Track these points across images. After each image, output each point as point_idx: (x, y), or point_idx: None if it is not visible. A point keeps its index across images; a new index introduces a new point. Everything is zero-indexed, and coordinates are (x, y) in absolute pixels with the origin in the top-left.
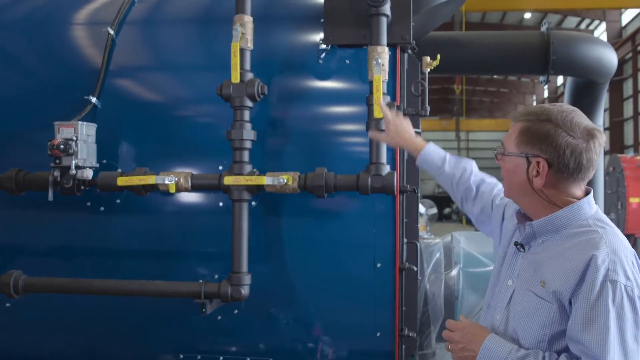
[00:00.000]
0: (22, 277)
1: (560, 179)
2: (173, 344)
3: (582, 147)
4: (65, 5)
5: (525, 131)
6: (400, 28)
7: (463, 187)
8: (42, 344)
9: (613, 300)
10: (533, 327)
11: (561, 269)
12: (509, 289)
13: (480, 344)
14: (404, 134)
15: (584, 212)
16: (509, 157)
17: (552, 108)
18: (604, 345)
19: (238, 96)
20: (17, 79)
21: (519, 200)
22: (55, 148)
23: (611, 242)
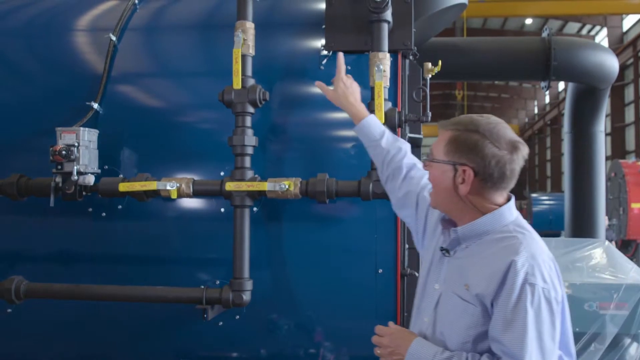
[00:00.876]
0: (24, 283)
1: (484, 187)
2: (174, 350)
3: (507, 158)
4: (67, 11)
5: (453, 140)
6: (401, 34)
7: (394, 166)
8: (42, 350)
9: (531, 302)
10: (458, 329)
11: (484, 273)
12: (436, 293)
13: (407, 348)
14: (351, 97)
15: (505, 219)
16: (436, 164)
17: (480, 119)
18: (523, 344)
19: (240, 102)
20: (19, 85)
21: (444, 206)
22: (57, 154)
23: (530, 247)
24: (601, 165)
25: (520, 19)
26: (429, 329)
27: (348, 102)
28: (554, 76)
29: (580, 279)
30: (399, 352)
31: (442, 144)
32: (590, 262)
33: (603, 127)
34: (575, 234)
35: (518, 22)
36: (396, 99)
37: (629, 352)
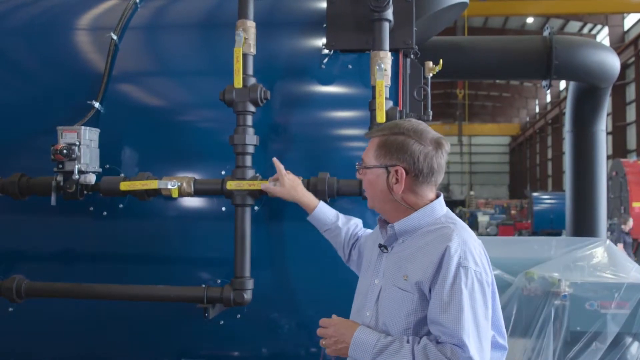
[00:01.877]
0: (25, 282)
1: (416, 184)
2: (175, 349)
3: (433, 153)
4: (68, 10)
5: (382, 145)
6: (402, 33)
7: (354, 240)
8: (44, 349)
9: (465, 283)
10: (399, 318)
11: (421, 261)
12: (377, 287)
13: (351, 336)
14: (298, 187)
15: (437, 212)
16: (370, 170)
17: (403, 122)
18: (460, 322)
19: (241, 101)
20: (21, 84)
21: (381, 207)
22: (58, 153)
23: (461, 234)
24: (602, 164)
25: (522, 18)
26: (371, 321)
27: (298, 193)
28: (555, 75)
29: (581, 278)
30: (344, 340)
31: (372, 151)
32: (592, 261)
33: (604, 126)
34: (576, 233)
35: (519, 21)
36: (397, 97)
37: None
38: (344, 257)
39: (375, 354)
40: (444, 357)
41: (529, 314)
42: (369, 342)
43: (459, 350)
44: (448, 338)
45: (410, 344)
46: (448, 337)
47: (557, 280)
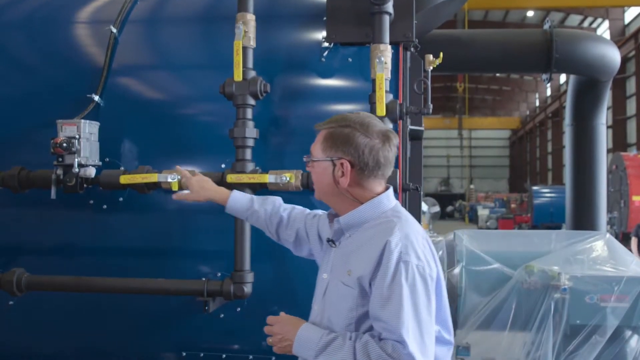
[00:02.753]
0: (25, 275)
1: (362, 177)
2: (176, 342)
3: (379, 146)
4: (68, 4)
5: (328, 137)
6: (402, 26)
7: (276, 220)
8: (44, 342)
9: (406, 278)
10: (342, 313)
11: (363, 257)
12: (324, 282)
13: (295, 333)
14: (206, 184)
15: (384, 206)
16: (317, 163)
17: (351, 115)
18: (399, 318)
19: (241, 94)
20: (20, 78)
21: (329, 200)
22: (58, 146)
23: (404, 228)
24: (602, 158)
25: (522, 11)
26: (318, 316)
27: (208, 191)
28: (555, 69)
29: (581, 271)
30: (288, 338)
31: (319, 143)
32: (591, 255)
33: (604, 120)
34: (576, 227)
35: (519, 15)
36: (397, 91)
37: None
38: (273, 236)
39: (318, 351)
40: (385, 354)
41: (529, 308)
42: (312, 339)
43: (399, 347)
44: (389, 334)
45: (353, 340)
46: (389, 333)
47: (557, 274)
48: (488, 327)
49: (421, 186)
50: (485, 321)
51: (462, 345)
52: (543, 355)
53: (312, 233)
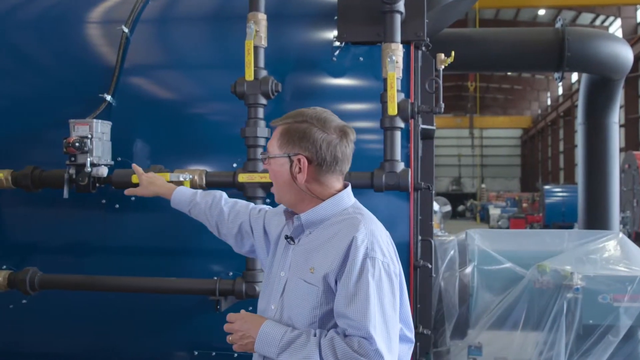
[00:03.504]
0: (38, 274)
1: (320, 173)
2: (187, 341)
3: (336, 142)
4: (80, 4)
5: (284, 133)
6: (414, 25)
7: (216, 212)
8: (56, 341)
9: (373, 274)
10: (304, 311)
11: (328, 253)
12: (282, 280)
13: (257, 330)
14: (156, 182)
15: (345, 203)
16: (273, 160)
17: (307, 110)
18: (366, 314)
19: (252, 94)
20: (33, 78)
21: (287, 198)
22: (70, 146)
23: (369, 225)
24: (615, 157)
25: (533, 9)
26: (276, 315)
27: (156, 186)
28: (567, 67)
29: (594, 271)
30: (250, 335)
31: (276, 139)
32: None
33: (617, 119)
34: (588, 226)
35: (531, 13)
36: (409, 90)
37: None
38: (214, 230)
39: (281, 348)
40: (351, 350)
41: (541, 307)
42: (275, 336)
43: (365, 343)
44: (355, 331)
45: (317, 337)
46: (355, 330)
47: (570, 273)
48: (500, 327)
49: (433, 185)
50: (498, 321)
51: (474, 345)
52: (556, 355)
53: (257, 228)
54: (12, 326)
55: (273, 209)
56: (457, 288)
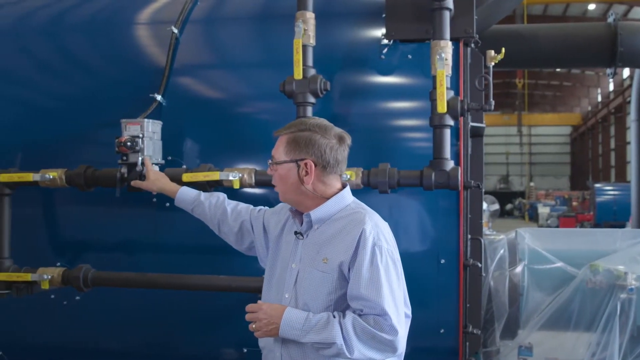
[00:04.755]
0: (91, 271)
1: (324, 174)
2: (237, 338)
3: (337, 146)
4: (129, 5)
5: (290, 141)
6: (463, 22)
7: (220, 211)
8: (109, 337)
9: (381, 260)
10: (320, 297)
11: (340, 245)
12: (294, 271)
13: (281, 317)
14: (162, 180)
15: (347, 200)
16: (280, 165)
17: (308, 119)
18: (380, 295)
19: (301, 92)
20: (84, 79)
21: (294, 198)
22: (122, 145)
23: (372, 218)
24: None
25: (583, 4)
26: (291, 302)
27: (162, 184)
28: (620, 63)
29: None
30: (274, 322)
31: (282, 147)
32: None
33: None
34: None
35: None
36: (458, 87)
37: None
38: (215, 228)
39: (305, 330)
40: (368, 326)
41: (594, 308)
42: (298, 319)
43: (380, 320)
44: (370, 310)
45: (337, 318)
46: (370, 309)
47: (623, 273)
48: (551, 327)
49: (482, 184)
50: (549, 321)
51: (524, 345)
52: (609, 356)
53: (257, 226)
54: (66, 322)
55: (271, 209)
56: (507, 287)
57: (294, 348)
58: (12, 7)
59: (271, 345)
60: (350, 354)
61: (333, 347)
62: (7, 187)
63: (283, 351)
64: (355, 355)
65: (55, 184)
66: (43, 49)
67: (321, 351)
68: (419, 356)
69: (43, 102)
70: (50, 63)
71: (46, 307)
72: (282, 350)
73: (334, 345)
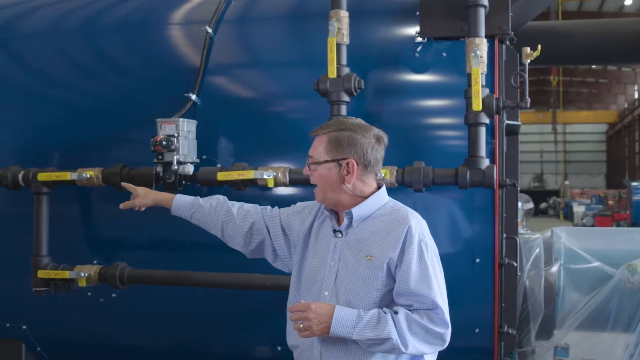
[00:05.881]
0: (127, 269)
1: (364, 173)
2: (271, 336)
3: (376, 146)
4: (162, 6)
5: (331, 141)
6: (498, 19)
7: (222, 212)
8: (144, 333)
9: (428, 256)
10: (365, 294)
11: (385, 241)
12: (332, 269)
13: (331, 315)
14: (153, 192)
15: (385, 198)
16: (321, 165)
17: (346, 120)
18: (431, 289)
19: (335, 91)
20: (119, 80)
21: (333, 197)
22: (158, 144)
23: (414, 215)
24: None
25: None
26: (332, 300)
27: (154, 196)
28: None
29: None
30: (324, 321)
31: (321, 147)
32: None
33: None
34: None
35: (617, 4)
36: (493, 85)
37: None
38: (217, 231)
39: (358, 327)
40: (421, 320)
41: (632, 308)
42: (349, 317)
43: (432, 313)
44: (421, 305)
45: (389, 313)
46: (421, 304)
47: None
48: (588, 328)
49: (518, 182)
50: (585, 321)
51: (560, 345)
52: None
53: (273, 226)
54: (103, 319)
55: (287, 208)
56: (542, 287)
57: (335, 345)
58: (49, 8)
59: (307, 344)
60: (405, 348)
61: (387, 342)
62: (46, 186)
63: (323, 349)
64: (410, 350)
65: (92, 183)
66: (79, 50)
67: (373, 347)
68: (454, 356)
69: (80, 102)
70: (85, 64)
71: (83, 304)
72: (321, 348)
73: (388, 340)
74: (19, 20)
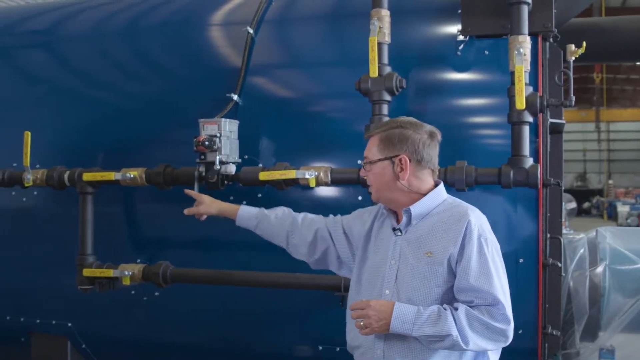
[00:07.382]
0: (170, 268)
1: (418, 169)
2: (312, 336)
3: (429, 142)
4: (203, 7)
5: (383, 139)
6: (541, 16)
7: (288, 222)
8: (186, 332)
9: (488, 251)
10: (426, 291)
11: (445, 237)
12: (393, 268)
13: (390, 312)
14: (217, 202)
15: (443, 195)
16: (375, 164)
17: (398, 118)
18: (492, 285)
19: (376, 90)
20: (162, 81)
21: (389, 196)
22: (200, 144)
23: (474, 211)
24: None
25: None
26: (393, 298)
27: (220, 204)
28: None
29: None
30: (384, 318)
31: (375, 147)
32: None
33: None
34: None
35: None
36: (536, 83)
37: None
38: (282, 241)
39: (417, 324)
40: (481, 316)
41: None
42: (409, 314)
43: (493, 309)
44: (481, 301)
45: (449, 310)
46: (481, 300)
47: None
48: (634, 330)
49: (562, 181)
50: (631, 323)
51: (606, 347)
52: None
53: (337, 233)
54: (146, 317)
55: (347, 215)
56: (587, 288)
57: (398, 343)
58: (92, 11)
59: (369, 344)
60: (465, 345)
61: (448, 339)
62: (90, 185)
63: (385, 347)
64: (470, 347)
65: (135, 183)
66: (122, 52)
67: (434, 344)
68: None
69: (122, 103)
70: (128, 65)
71: (127, 303)
72: (384, 347)
73: (448, 337)
74: (65, 22)
